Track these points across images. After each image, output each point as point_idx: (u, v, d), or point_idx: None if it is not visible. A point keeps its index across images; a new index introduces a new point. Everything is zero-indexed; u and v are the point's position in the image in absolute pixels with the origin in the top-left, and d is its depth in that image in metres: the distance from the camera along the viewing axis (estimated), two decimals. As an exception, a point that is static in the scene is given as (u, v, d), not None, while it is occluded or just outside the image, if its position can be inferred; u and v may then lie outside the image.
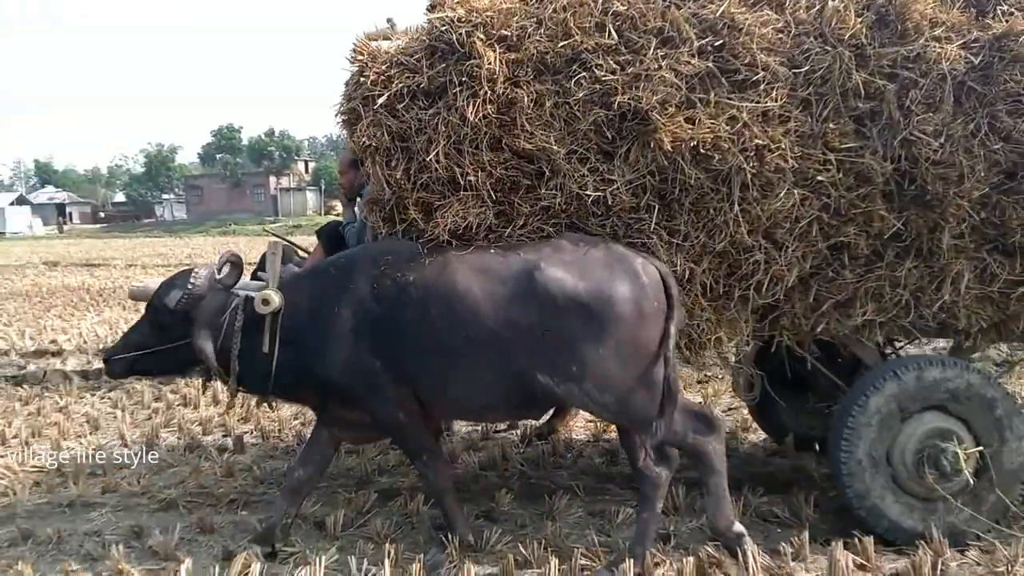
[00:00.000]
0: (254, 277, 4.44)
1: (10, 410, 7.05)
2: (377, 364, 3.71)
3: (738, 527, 3.75)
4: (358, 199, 5.02)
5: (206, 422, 6.43)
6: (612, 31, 3.70)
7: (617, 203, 3.78)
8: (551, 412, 5.65)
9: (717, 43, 3.69)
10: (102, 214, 77.75)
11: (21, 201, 69.56)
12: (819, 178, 3.73)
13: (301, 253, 5.40)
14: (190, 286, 3.81)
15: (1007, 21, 3.68)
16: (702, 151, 3.65)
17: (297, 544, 4.06)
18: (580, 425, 6.29)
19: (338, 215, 15.09)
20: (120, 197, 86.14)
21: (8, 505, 4.81)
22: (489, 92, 3.66)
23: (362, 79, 3.77)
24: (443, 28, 3.70)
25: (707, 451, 3.75)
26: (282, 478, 4.83)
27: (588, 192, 3.74)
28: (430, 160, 3.73)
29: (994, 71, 3.65)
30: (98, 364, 7.82)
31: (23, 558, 3.94)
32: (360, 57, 3.83)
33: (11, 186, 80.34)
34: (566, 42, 3.69)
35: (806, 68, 3.69)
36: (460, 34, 3.67)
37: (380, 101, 3.69)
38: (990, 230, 3.84)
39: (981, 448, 3.87)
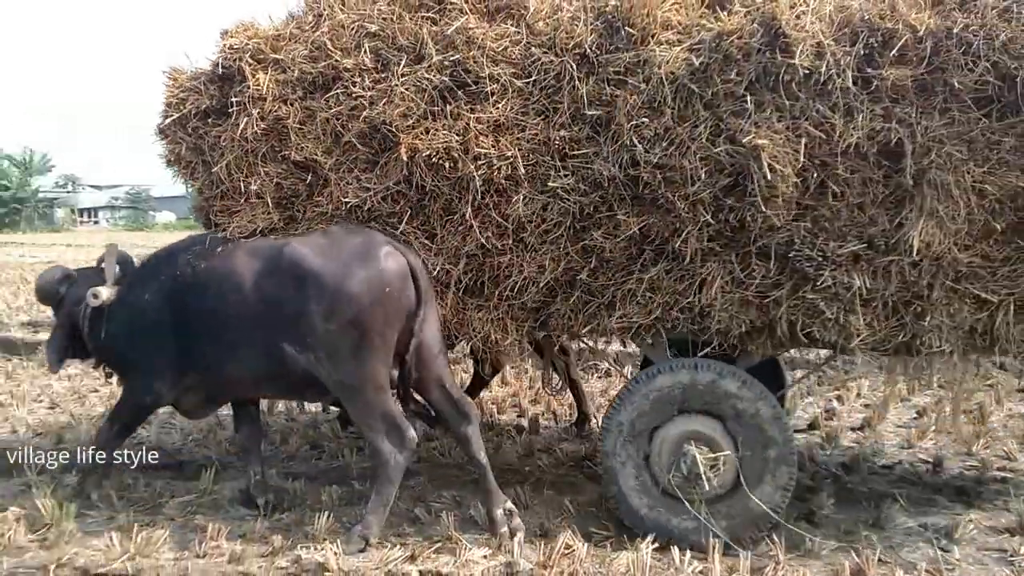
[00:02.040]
0: None
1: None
2: (172, 348, 4.26)
3: (499, 514, 3.99)
4: None
5: (500, 402, 6.81)
6: (367, 50, 4.03)
7: (375, 209, 4.11)
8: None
9: (453, 58, 3.90)
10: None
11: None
12: (553, 184, 3.85)
13: None
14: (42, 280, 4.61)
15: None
16: (435, 160, 3.90)
17: (610, 528, 4.13)
18: (890, 430, 6.07)
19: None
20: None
21: (341, 467, 5.31)
22: (259, 111, 4.11)
23: (164, 101, 4.35)
24: (220, 56, 4.19)
25: (463, 435, 4.12)
26: (581, 462, 5.20)
27: (348, 199, 4.10)
28: (219, 171, 4.24)
29: (711, 72, 3.59)
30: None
31: None
32: (168, 81, 4.40)
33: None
34: (326, 62, 4.07)
35: (535, 78, 3.82)
36: (232, 60, 4.15)
37: (167, 121, 4.25)
38: (735, 233, 3.77)
39: (725, 454, 3.84)
